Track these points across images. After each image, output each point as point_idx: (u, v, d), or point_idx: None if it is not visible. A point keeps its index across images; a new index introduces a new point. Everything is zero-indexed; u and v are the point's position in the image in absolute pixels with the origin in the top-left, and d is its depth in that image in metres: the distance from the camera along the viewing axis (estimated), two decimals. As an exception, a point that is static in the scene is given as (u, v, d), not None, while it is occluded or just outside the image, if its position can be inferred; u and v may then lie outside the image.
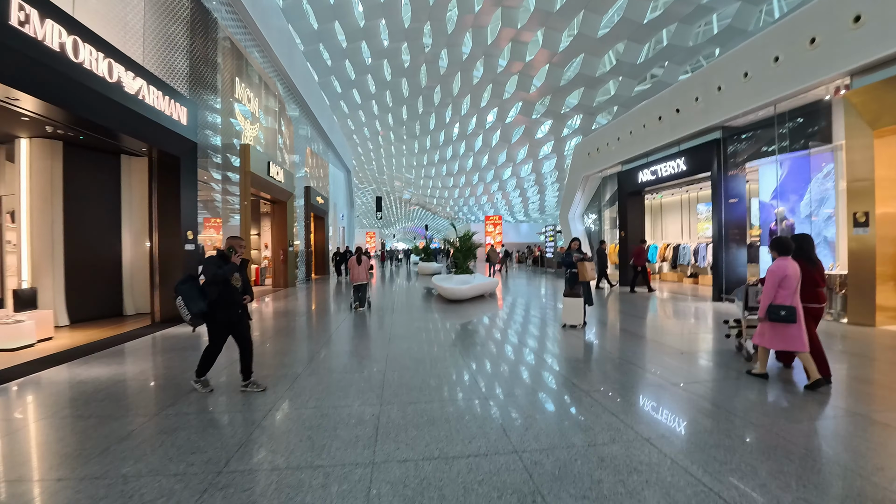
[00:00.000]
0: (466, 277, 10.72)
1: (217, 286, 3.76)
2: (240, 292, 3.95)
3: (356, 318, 8.45)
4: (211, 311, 3.77)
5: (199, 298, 3.69)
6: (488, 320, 7.92)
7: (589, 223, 16.92)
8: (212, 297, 3.75)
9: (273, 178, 12.86)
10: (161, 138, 7.16)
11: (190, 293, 3.67)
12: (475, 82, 27.62)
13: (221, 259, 3.87)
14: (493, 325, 7.45)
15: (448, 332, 6.81)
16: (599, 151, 14.95)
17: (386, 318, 8.34)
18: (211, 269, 3.73)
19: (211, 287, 3.75)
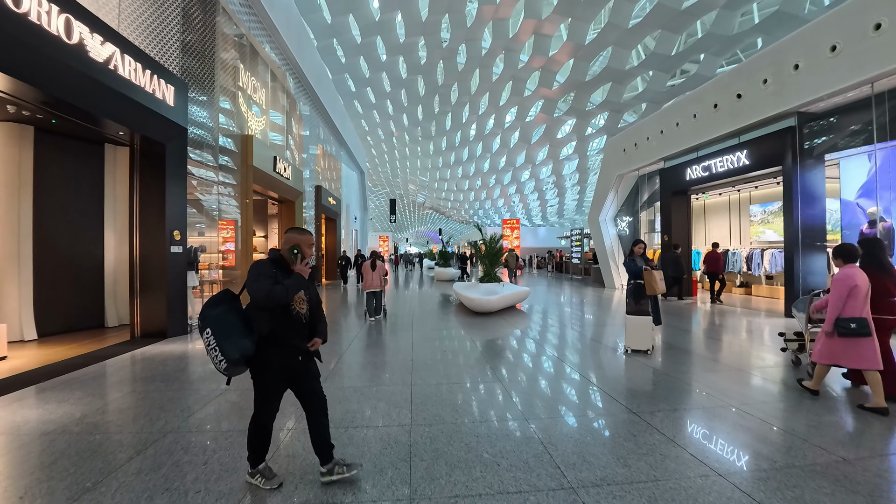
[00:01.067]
0: (494, 286, 9.41)
1: (272, 312, 2.28)
2: (307, 322, 2.47)
3: (370, 333, 7.24)
4: (260, 353, 2.29)
5: (242, 333, 2.23)
6: (529, 342, 6.58)
7: (622, 226, 15.47)
8: (261, 331, 2.28)
9: (280, 175, 11.75)
10: (140, 120, 6.04)
11: (225, 324, 2.21)
12: (494, 79, 26.39)
13: (276, 266, 2.35)
14: (537, 349, 6.12)
15: (482, 358, 5.51)
16: (637, 147, 13.54)
17: (404, 334, 7.08)
18: (263, 286, 2.19)
19: (261, 314, 2.27)
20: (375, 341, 6.59)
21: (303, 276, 2.35)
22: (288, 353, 2.37)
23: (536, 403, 3.73)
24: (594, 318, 8.71)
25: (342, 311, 10.12)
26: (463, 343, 6.33)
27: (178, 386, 4.22)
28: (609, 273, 15.56)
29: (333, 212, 19.68)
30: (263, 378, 2.35)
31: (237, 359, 2.15)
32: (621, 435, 3.04)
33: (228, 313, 2.26)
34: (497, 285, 9.50)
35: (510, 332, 7.19)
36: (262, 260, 2.39)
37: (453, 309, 10.08)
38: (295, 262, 2.36)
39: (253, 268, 2.28)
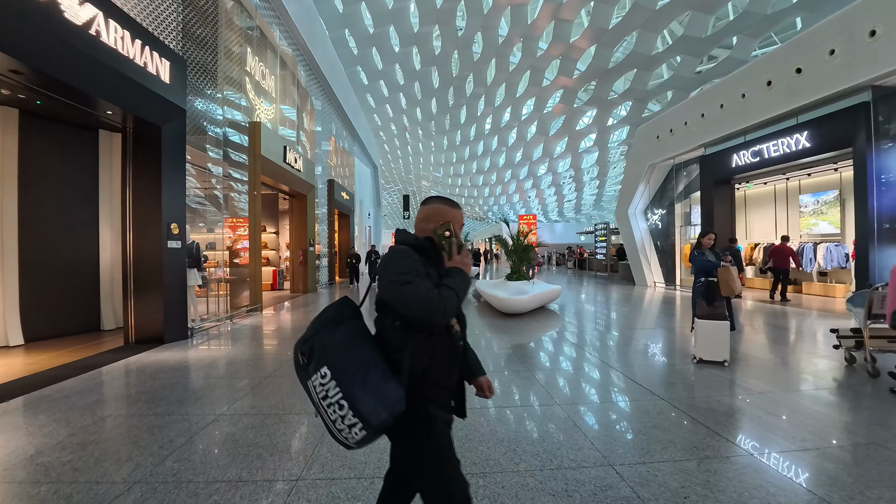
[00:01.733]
0: (523, 285, 8.55)
1: (430, 333, 1.35)
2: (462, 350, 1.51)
3: None
4: (415, 405, 1.30)
5: (383, 374, 1.26)
6: (572, 349, 5.72)
7: (654, 219, 14.44)
8: (415, 368, 1.32)
9: (290, 167, 11.05)
10: (130, 98, 5.33)
11: (356, 360, 1.28)
12: (511, 69, 25.40)
13: (423, 253, 1.42)
14: (586, 358, 5.26)
15: (525, 370, 4.68)
16: (673, 134, 12.50)
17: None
18: (425, 288, 1.26)
19: (415, 337, 1.32)
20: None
21: (466, 273, 1.40)
22: (444, 400, 1.43)
23: (615, 437, 2.89)
24: (637, 320, 7.80)
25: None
26: (498, 352, 5.50)
27: (163, 408, 3.48)
28: (640, 270, 14.55)
29: (347, 207, 19.00)
30: (429, 444, 1.33)
31: (384, 421, 1.21)
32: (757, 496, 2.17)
33: (357, 340, 1.35)
34: (526, 283, 8.64)
35: (547, 337, 6.34)
36: (402, 247, 1.43)
37: (476, 308, 9.26)
38: (449, 251, 1.42)
39: (396, 259, 1.35)
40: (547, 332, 6.67)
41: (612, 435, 2.95)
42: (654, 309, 9.14)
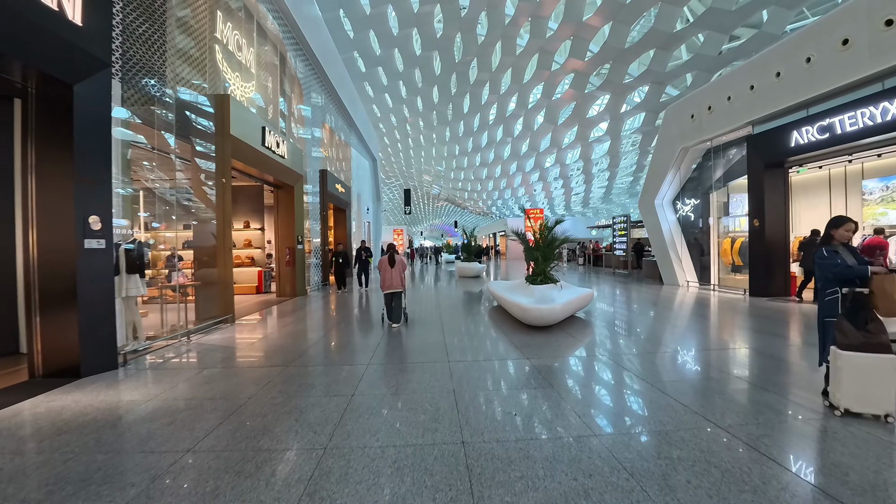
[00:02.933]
0: (549, 289, 7.02)
1: None
2: None
3: (390, 350, 5.05)
4: None
5: None
6: (632, 380, 4.19)
7: (685, 210, 12.86)
8: None
9: (271, 152, 9.52)
10: (21, 40, 3.80)
11: None
12: (518, 52, 23.73)
13: None
14: (657, 399, 3.74)
15: (577, 419, 3.16)
16: (712, 111, 10.89)
17: (437, 358, 4.75)
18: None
19: None
20: (396, 369, 4.28)
21: None
22: None
23: None
24: (701, 335, 6.25)
25: (357, 316, 7.89)
26: (533, 383, 3.99)
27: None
28: (669, 267, 12.99)
29: (343, 201, 17.48)
30: None
31: None
32: None
33: None
34: (552, 287, 7.10)
35: (592, 361, 4.81)
36: None
37: (490, 315, 7.76)
38: None
39: None
40: (590, 354, 5.14)
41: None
42: (709, 318, 7.60)
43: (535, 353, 5.07)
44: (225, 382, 4.23)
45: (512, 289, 7.80)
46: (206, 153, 7.45)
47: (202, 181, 7.41)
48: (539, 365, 4.61)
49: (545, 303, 6.28)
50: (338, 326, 7.24)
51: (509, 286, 8.28)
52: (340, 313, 8.69)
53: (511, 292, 7.38)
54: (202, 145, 7.39)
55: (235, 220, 12.74)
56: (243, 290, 12.19)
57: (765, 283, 9.71)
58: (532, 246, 7.74)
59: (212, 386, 4.12)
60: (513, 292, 7.35)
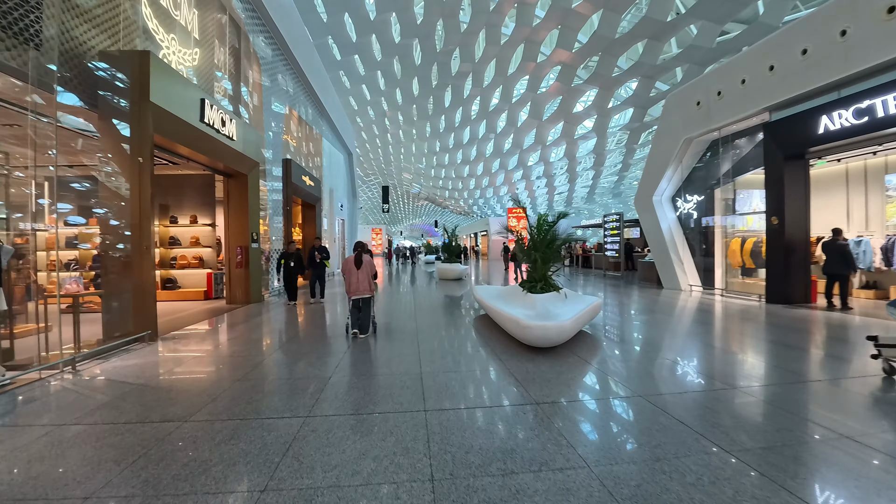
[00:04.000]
0: (552, 299, 5.66)
1: None
2: None
3: (348, 387, 3.69)
4: None
5: None
6: (701, 442, 2.85)
7: (687, 208, 11.79)
8: None
9: (215, 131, 7.91)
10: None
11: None
12: (503, 41, 22.49)
13: None
14: (735, 467, 2.39)
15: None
16: (722, 97, 9.80)
17: (412, 402, 3.31)
18: None
19: None
20: (348, 435, 2.82)
21: None
22: None
23: None
24: (737, 357, 5.01)
25: (318, 327, 6.38)
26: (549, 450, 2.61)
27: None
28: (669, 270, 11.89)
29: (312, 195, 15.82)
30: None
31: None
32: None
33: None
34: (555, 297, 5.75)
35: (619, 399, 3.48)
36: None
37: (476, 328, 6.39)
38: None
39: None
40: (611, 388, 3.81)
41: None
42: (737, 332, 6.41)
43: (541, 390, 3.70)
44: (69, 457, 2.69)
45: (504, 297, 6.43)
46: (119, 126, 5.82)
47: (111, 161, 5.77)
48: (550, 412, 3.24)
49: (550, 318, 4.92)
50: (286, 346, 5.73)
51: (500, 293, 6.91)
52: (295, 327, 7.16)
53: (504, 302, 6.01)
54: (113, 110, 5.76)
55: (181, 213, 11.02)
56: (189, 296, 10.48)
57: (783, 288, 8.64)
58: (528, 246, 6.37)
59: (41, 466, 2.59)
60: (506, 302, 5.98)
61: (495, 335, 5.88)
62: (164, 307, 9.39)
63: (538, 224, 6.36)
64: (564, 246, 8.34)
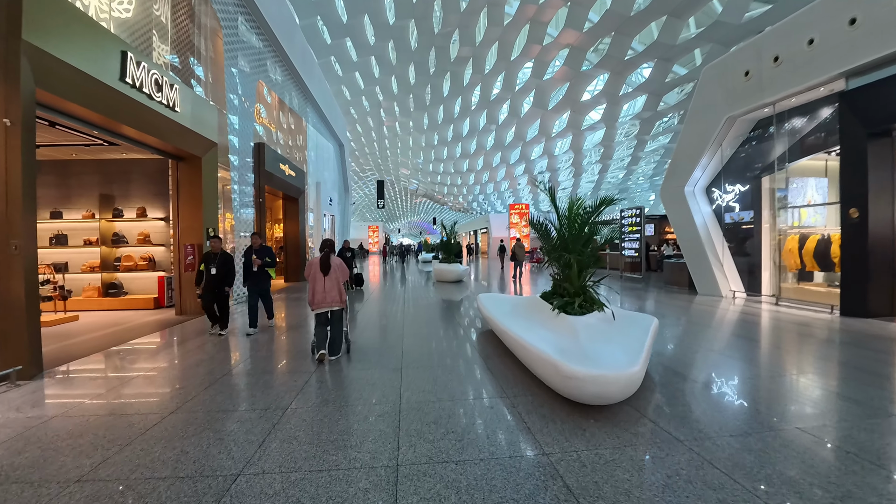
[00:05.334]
0: (598, 326, 3.88)
1: None
2: None
3: (309, 435, 1.94)
4: None
5: None
6: None
7: (726, 200, 10.06)
8: None
9: (144, 95, 6.14)
10: None
11: None
12: (506, 21, 20.71)
13: None
14: None
15: None
16: (780, 63, 8.05)
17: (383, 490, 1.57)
18: None
19: None
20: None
21: None
22: None
23: None
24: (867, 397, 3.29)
25: (277, 352, 4.64)
26: None
27: None
28: (706, 272, 10.17)
29: (293, 187, 14.05)
30: None
31: None
32: None
33: None
34: (601, 320, 3.99)
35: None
36: None
37: (480, 347, 4.69)
38: None
39: None
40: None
41: None
42: (837, 359, 4.69)
43: (612, 498, 1.98)
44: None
45: (522, 314, 4.67)
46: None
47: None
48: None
49: (603, 359, 3.15)
50: (224, 381, 3.99)
51: (515, 308, 5.15)
52: (247, 349, 5.42)
53: (524, 323, 4.25)
54: None
55: (126, 205, 9.24)
56: (137, 305, 8.72)
57: (862, 297, 6.93)
58: (556, 242, 4.62)
59: None
60: (527, 323, 4.21)
61: (509, 368, 4.15)
62: (100, 319, 7.67)
63: (570, 213, 4.60)
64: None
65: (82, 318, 7.80)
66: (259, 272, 6.58)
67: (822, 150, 8.15)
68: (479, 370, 4.25)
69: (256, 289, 6.55)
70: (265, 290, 6.68)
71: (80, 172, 9.16)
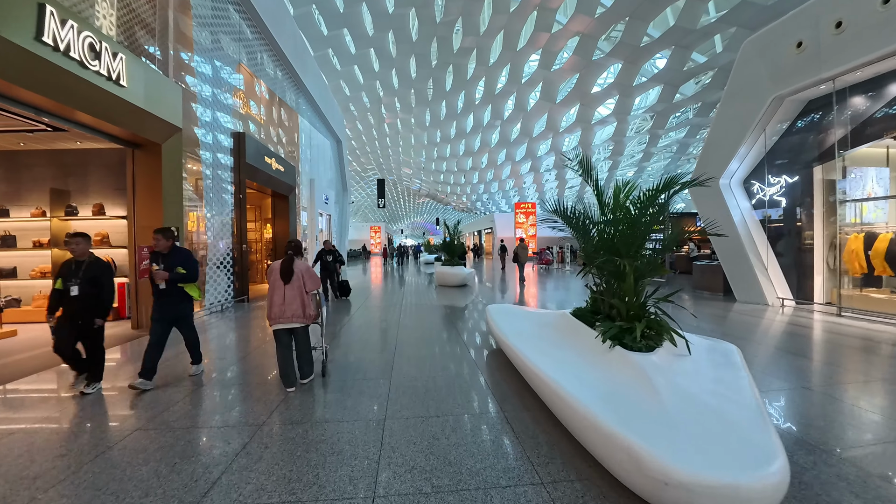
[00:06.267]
0: (678, 369, 2.64)
1: None
2: None
3: None
4: None
5: None
6: None
7: (769, 194, 8.79)
8: None
9: (74, 62, 4.96)
10: None
11: None
12: (512, 8, 19.45)
13: None
14: None
15: None
16: (843, 29, 6.79)
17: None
18: None
19: None
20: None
21: None
22: None
23: None
24: None
25: (228, 382, 3.46)
26: None
27: None
28: (746, 276, 8.91)
29: (283, 183, 12.88)
30: None
31: None
32: None
33: None
34: (676, 357, 2.76)
35: None
36: None
37: (493, 383, 3.50)
38: None
39: None
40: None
41: None
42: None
43: None
44: None
45: (550, 337, 3.45)
46: None
47: None
48: None
49: (714, 440, 1.92)
50: (159, 422, 2.79)
51: (540, 327, 3.93)
52: (214, 369, 4.25)
53: (556, 357, 3.02)
54: None
55: (82, 202, 8.08)
56: (93, 315, 7.53)
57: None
58: (595, 240, 3.40)
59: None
60: (561, 358, 2.98)
61: (538, 423, 2.95)
62: (43, 334, 6.50)
63: (615, 201, 3.38)
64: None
65: (23, 333, 6.64)
66: (169, 290, 4.13)
67: (892, 135, 6.88)
68: (493, 424, 3.02)
69: (165, 316, 4.13)
70: (182, 318, 4.29)
71: (30, 165, 8.01)
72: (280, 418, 3.16)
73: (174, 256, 4.23)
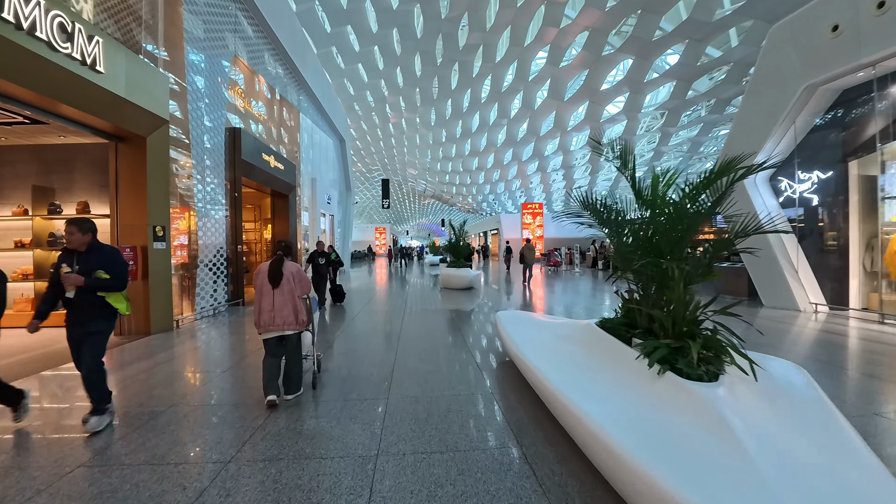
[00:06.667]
0: (753, 405, 2.08)
1: None
2: None
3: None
4: None
5: None
6: None
7: (799, 191, 8.17)
8: None
9: (41, 42, 4.49)
10: None
11: None
12: (520, 3, 18.90)
13: None
14: None
15: None
16: (886, 9, 6.18)
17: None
18: None
19: None
20: None
21: None
22: None
23: None
24: None
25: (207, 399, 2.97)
26: None
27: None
28: (775, 280, 8.28)
29: (283, 182, 12.42)
30: None
31: None
32: None
33: None
34: (738, 382, 2.20)
35: None
36: None
37: (506, 400, 2.99)
38: None
39: None
40: None
41: None
42: None
43: None
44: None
45: (574, 353, 2.91)
46: None
47: None
48: None
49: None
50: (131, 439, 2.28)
51: (560, 341, 3.39)
52: (174, 388, 3.75)
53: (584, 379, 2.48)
54: None
55: (66, 200, 7.64)
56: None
57: None
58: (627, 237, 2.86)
59: None
60: (591, 379, 2.43)
61: (568, 467, 2.41)
62: (21, 340, 6.04)
63: (654, 192, 2.85)
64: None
65: (2, 339, 6.17)
66: (81, 301, 3.12)
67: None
68: (509, 465, 2.48)
69: (73, 335, 3.21)
70: (90, 335, 3.15)
71: (12, 161, 7.58)
72: (252, 452, 2.64)
73: (94, 256, 3.16)
